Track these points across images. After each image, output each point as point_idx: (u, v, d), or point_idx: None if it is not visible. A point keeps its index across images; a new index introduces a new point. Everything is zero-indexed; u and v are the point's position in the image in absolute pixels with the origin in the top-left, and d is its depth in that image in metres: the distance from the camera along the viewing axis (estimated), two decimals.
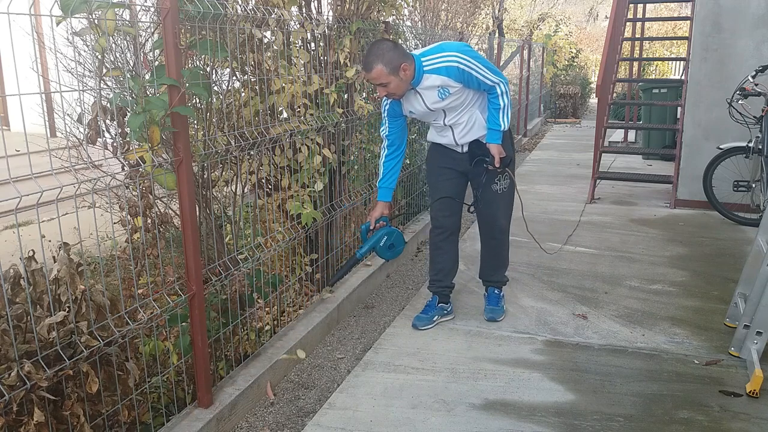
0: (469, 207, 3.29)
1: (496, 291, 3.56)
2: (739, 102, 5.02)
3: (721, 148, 5.40)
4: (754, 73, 5.04)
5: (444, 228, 3.36)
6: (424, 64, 2.93)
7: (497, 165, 3.08)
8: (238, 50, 2.69)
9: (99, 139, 2.32)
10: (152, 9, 2.39)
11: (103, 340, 2.02)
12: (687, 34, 6.65)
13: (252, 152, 3.07)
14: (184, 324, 2.49)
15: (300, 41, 3.41)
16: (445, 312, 3.49)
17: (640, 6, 8.93)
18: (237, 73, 2.91)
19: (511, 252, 4.62)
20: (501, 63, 9.09)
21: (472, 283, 4.03)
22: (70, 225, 1.98)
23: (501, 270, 3.55)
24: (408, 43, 5.17)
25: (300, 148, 3.25)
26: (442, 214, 3.34)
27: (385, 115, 3.19)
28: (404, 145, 3.25)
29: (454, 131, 3.18)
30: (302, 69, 3.29)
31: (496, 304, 3.51)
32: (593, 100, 16.46)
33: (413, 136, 5.14)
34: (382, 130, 3.24)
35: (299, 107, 3.28)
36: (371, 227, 3.16)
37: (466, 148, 3.22)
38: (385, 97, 3.09)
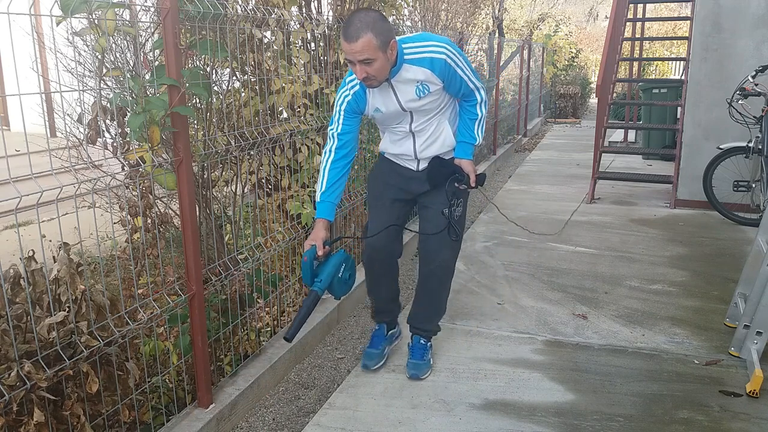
0: (449, 233, 2.71)
1: (422, 341, 2.94)
2: (739, 102, 5.02)
3: (721, 148, 5.40)
4: (754, 73, 5.04)
5: (386, 255, 2.82)
6: (405, 51, 2.45)
7: (473, 184, 2.67)
8: (238, 50, 2.69)
9: (99, 139, 2.32)
10: (152, 9, 2.39)
11: (103, 340, 2.02)
12: (687, 34, 6.66)
13: (252, 152, 3.06)
14: (184, 324, 2.49)
15: (300, 41, 3.41)
16: (395, 338, 3.12)
17: (640, 6, 8.92)
18: (237, 73, 2.91)
19: (510, 252, 4.66)
20: (501, 63, 9.09)
21: (471, 283, 4.03)
22: (70, 225, 1.99)
23: (435, 318, 2.98)
24: None
25: (300, 148, 3.25)
26: (384, 241, 2.77)
27: (342, 108, 2.60)
28: (355, 150, 2.69)
29: (416, 140, 2.68)
30: (302, 69, 3.29)
31: (421, 358, 2.90)
32: (593, 100, 16.45)
33: None
34: (332, 128, 2.64)
35: (299, 107, 3.28)
36: (318, 253, 2.49)
37: (423, 165, 2.73)
38: (350, 86, 2.57)
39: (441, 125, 2.67)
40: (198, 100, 2.75)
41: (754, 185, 5.18)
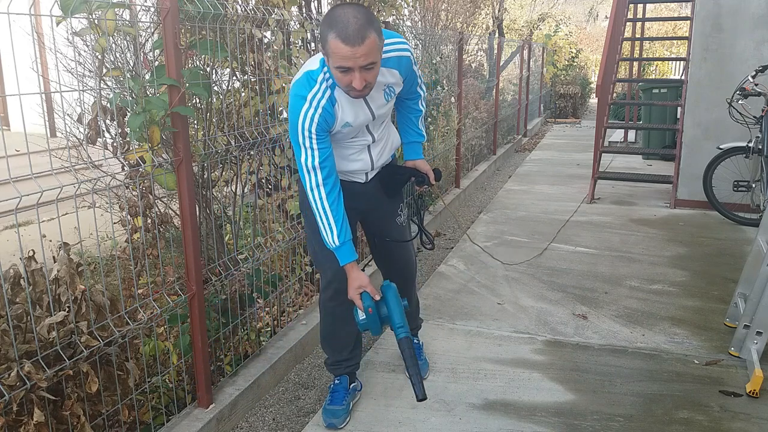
0: (421, 238, 2.65)
1: (415, 340, 2.94)
2: (739, 102, 5.02)
3: (721, 148, 5.40)
4: (754, 73, 5.04)
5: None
6: None
7: (432, 182, 2.51)
8: (238, 50, 2.69)
9: (99, 139, 2.32)
10: (152, 9, 2.39)
11: (103, 340, 2.02)
12: (687, 34, 6.66)
13: (252, 152, 3.06)
14: (184, 324, 2.49)
15: (300, 41, 3.41)
16: (357, 390, 2.70)
17: (640, 6, 8.93)
18: (237, 73, 2.91)
19: (510, 252, 4.66)
20: (501, 63, 9.09)
21: (471, 283, 4.03)
22: (70, 225, 1.99)
23: (417, 313, 2.96)
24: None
25: None
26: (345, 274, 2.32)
27: (312, 131, 2.12)
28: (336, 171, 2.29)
29: (372, 151, 2.37)
30: None
31: (420, 357, 2.91)
32: (593, 100, 16.45)
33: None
34: (307, 159, 2.16)
35: None
36: (376, 298, 2.24)
37: (371, 176, 2.44)
38: (314, 104, 2.11)
39: (389, 128, 2.44)
40: (198, 100, 2.75)
41: (754, 185, 5.18)
